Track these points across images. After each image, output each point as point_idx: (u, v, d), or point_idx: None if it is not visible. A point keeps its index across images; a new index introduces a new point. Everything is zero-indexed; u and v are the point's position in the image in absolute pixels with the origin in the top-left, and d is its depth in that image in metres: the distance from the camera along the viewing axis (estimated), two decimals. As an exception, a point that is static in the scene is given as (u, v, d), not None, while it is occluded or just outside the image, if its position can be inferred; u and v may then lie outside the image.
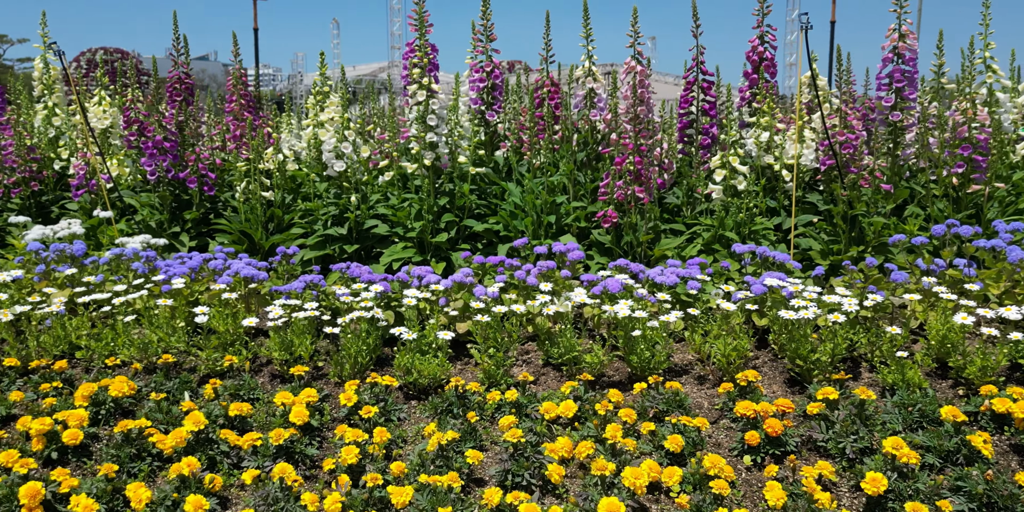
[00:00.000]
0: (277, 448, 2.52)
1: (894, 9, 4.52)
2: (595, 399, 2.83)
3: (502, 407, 2.87)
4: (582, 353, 3.10)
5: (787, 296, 3.31)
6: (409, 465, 2.46)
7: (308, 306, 3.36)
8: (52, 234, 4.28)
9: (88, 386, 2.81)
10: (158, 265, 3.92)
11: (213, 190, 4.87)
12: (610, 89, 4.98)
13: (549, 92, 5.21)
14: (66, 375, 3.17)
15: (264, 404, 2.96)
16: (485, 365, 3.07)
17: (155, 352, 3.30)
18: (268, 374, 3.29)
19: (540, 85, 5.13)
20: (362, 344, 3.15)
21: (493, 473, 2.43)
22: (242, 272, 3.63)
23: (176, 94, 5.16)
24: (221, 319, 3.34)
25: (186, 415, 2.79)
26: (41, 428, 2.56)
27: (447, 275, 4.00)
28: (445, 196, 4.51)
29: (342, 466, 2.43)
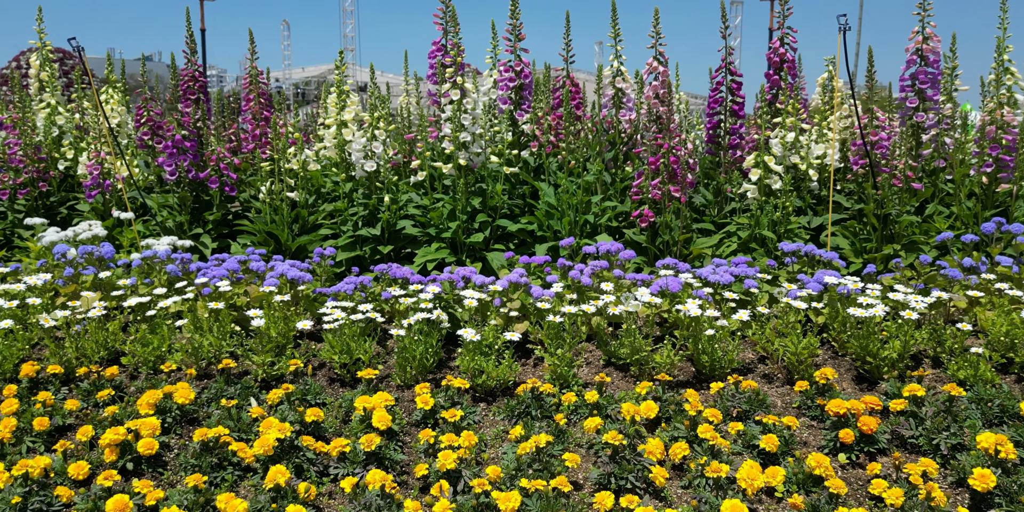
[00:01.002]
0: (367, 454, 2.42)
1: (917, 12, 4.57)
2: (674, 399, 2.78)
3: (579, 408, 2.80)
4: (651, 353, 3.05)
5: (842, 294, 3.30)
6: (504, 469, 2.38)
7: (363, 308, 3.26)
8: (74, 236, 4.10)
9: (153, 393, 2.68)
10: (193, 267, 3.78)
11: (235, 190, 4.71)
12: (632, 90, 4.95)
13: (570, 92, 5.16)
14: (116, 382, 3.02)
15: (333, 409, 2.85)
16: (553, 366, 3.00)
17: (207, 357, 3.17)
18: (326, 378, 3.18)
19: (560, 85, 5.08)
20: (426, 346, 3.06)
21: (593, 476, 2.36)
22: (288, 274, 3.51)
23: (190, 92, 4.99)
24: (273, 322, 3.22)
25: (255, 422, 2.68)
26: (115, 438, 2.42)
27: (484, 276, 3.92)
28: (477, 196, 4.43)
29: (438, 471, 2.35)
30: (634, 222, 4.62)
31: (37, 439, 2.66)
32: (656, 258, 4.26)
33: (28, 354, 3.30)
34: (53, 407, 2.76)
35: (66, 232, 4.12)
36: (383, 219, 4.32)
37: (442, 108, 4.50)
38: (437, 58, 4.66)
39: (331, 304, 3.29)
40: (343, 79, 4.99)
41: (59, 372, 3.05)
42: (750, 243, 4.23)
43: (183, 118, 4.60)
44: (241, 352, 3.11)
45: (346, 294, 3.47)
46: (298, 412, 2.64)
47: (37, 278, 3.55)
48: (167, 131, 4.59)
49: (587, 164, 4.67)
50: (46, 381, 3.03)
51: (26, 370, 2.95)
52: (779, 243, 4.10)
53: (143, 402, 2.66)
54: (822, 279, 3.38)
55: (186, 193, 4.61)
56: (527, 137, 4.66)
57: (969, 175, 4.32)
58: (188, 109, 4.84)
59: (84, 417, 2.83)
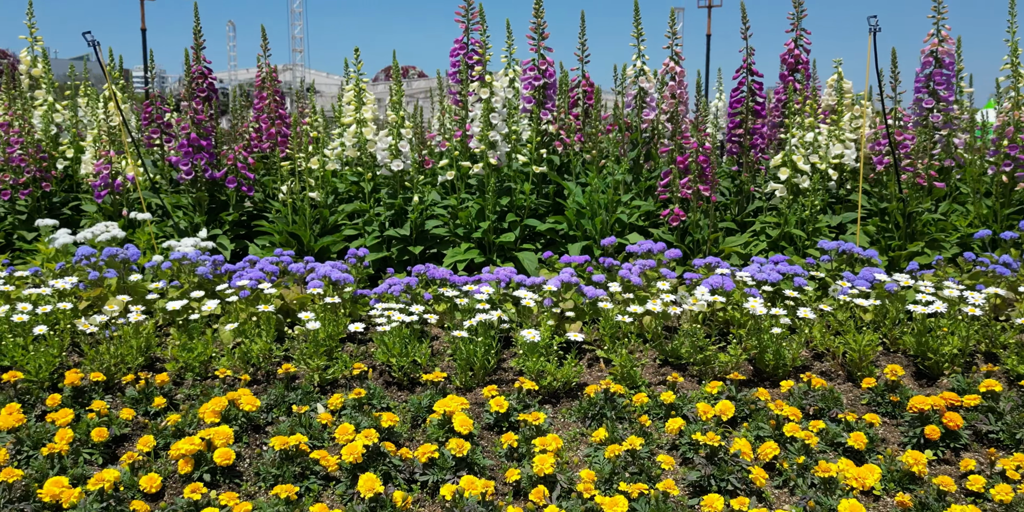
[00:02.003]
0: (457, 460, 2.32)
1: (932, 15, 4.62)
2: (748, 398, 2.74)
3: (651, 409, 2.75)
4: (716, 352, 3.01)
5: (890, 291, 3.31)
6: (598, 473, 2.31)
7: (414, 309, 3.16)
8: (92, 237, 3.90)
9: (218, 401, 2.54)
10: (225, 269, 3.62)
11: (252, 190, 4.55)
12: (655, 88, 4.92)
13: (585, 92, 5.11)
14: (166, 389, 2.87)
15: (399, 413, 2.74)
16: (621, 367, 2.94)
17: (257, 362, 3.03)
18: (380, 381, 3.06)
19: (576, 84, 5.02)
20: (487, 348, 2.97)
21: (690, 478, 2.30)
22: (332, 275, 3.38)
23: (200, 90, 4.81)
24: (323, 325, 3.10)
25: (325, 428, 2.57)
26: (191, 448, 2.29)
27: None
28: (505, 195, 4.35)
29: (533, 476, 2.26)
30: (659, 221, 4.58)
31: (94, 451, 2.51)
32: (686, 257, 4.23)
33: (63, 361, 3.12)
34: (108, 417, 2.60)
35: (83, 233, 3.92)
36: (411, 219, 4.21)
37: (464, 107, 4.41)
38: (460, 57, 4.56)
39: (381, 306, 3.18)
40: (360, 76, 4.86)
41: (101, 380, 2.88)
42: (780, 242, 4.22)
43: (197, 116, 4.42)
44: (297, 356, 2.98)
45: (392, 295, 3.36)
46: (373, 417, 2.53)
47: (64, 282, 3.36)
48: (182, 129, 4.40)
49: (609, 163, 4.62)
50: (89, 389, 2.86)
51: (70, 378, 2.78)
52: (817, 241, 4.10)
53: (208, 410, 2.53)
54: (870, 276, 3.38)
55: (203, 193, 4.43)
56: (550, 136, 4.59)
57: (986, 174, 4.38)
58: (200, 106, 4.66)
59: (139, 427, 2.68)
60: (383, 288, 3.43)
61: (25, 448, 2.52)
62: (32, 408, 2.82)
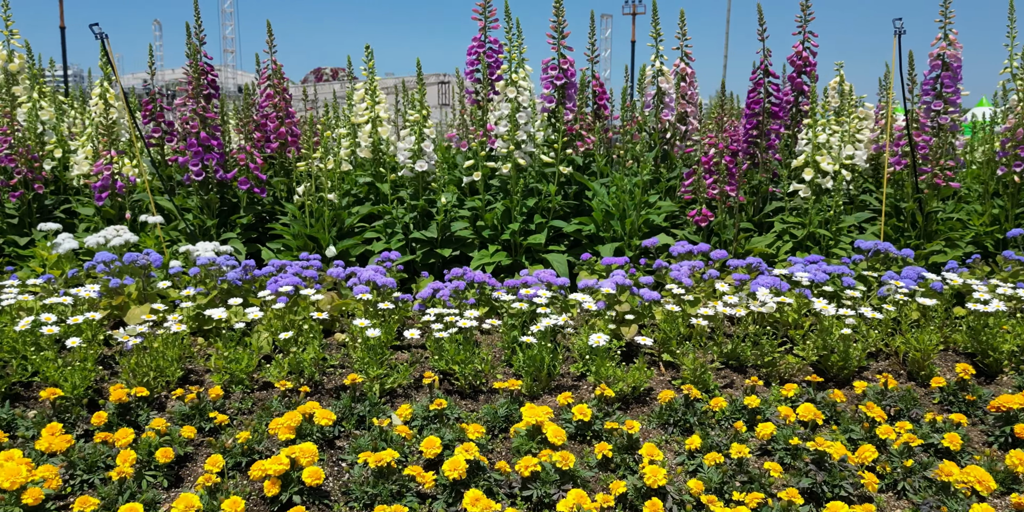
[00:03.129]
0: (561, 473, 2.20)
1: (940, 20, 4.68)
2: (827, 401, 2.68)
3: (732, 414, 2.66)
4: (784, 354, 2.95)
5: (936, 290, 3.31)
6: (706, 482, 2.21)
7: (469, 314, 3.02)
8: (105, 242, 3.64)
9: (292, 415, 2.36)
10: (257, 274, 3.42)
11: (265, 192, 4.32)
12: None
13: (596, 92, 5.03)
14: (218, 403, 2.66)
15: (470, 423, 2.60)
16: (689, 371, 2.85)
17: (309, 372, 2.85)
18: (441, 391, 2.91)
19: (586, 84, 4.93)
20: (554, 354, 2.85)
21: (803, 485, 2.22)
22: (377, 280, 3.21)
23: (204, 87, 4.55)
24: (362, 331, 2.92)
25: (404, 442, 2.41)
26: (279, 468, 2.11)
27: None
28: (532, 196, 4.23)
29: (643, 488, 2.15)
30: (679, 221, 4.53)
31: (157, 473, 2.30)
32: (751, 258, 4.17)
33: (99, 375, 2.88)
34: (169, 435, 2.39)
35: (94, 238, 3.65)
36: (438, 221, 4.06)
37: (481, 107, 4.27)
38: (479, 55, 4.42)
39: (434, 311, 3.02)
40: (372, 74, 4.68)
41: (144, 394, 2.66)
42: (805, 242, 4.20)
43: (206, 114, 4.17)
44: (357, 365, 2.81)
45: (440, 300, 3.21)
46: (456, 429, 2.39)
47: (86, 290, 3.11)
48: (191, 128, 4.15)
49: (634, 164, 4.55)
50: (134, 406, 2.64)
51: (116, 394, 2.55)
52: (840, 241, 4.09)
53: (281, 425, 2.34)
54: (914, 275, 3.37)
55: (214, 195, 4.19)
56: (572, 136, 4.48)
57: (997, 174, 4.45)
58: (206, 104, 4.41)
59: (197, 444, 2.48)
60: (427, 292, 3.28)
61: (78, 472, 2.30)
62: (73, 427, 2.59)
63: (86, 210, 4.40)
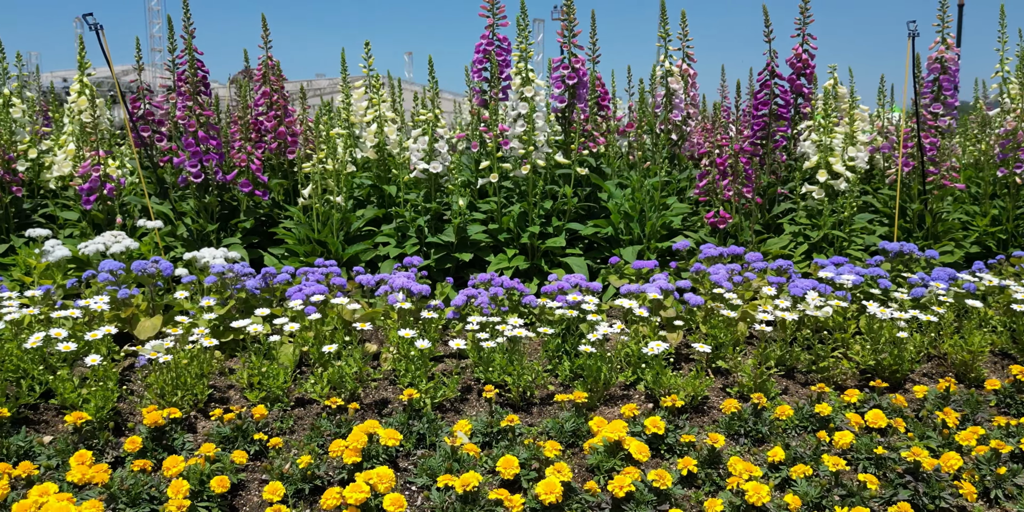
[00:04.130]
0: (657, 493, 2.06)
1: (937, 24, 4.71)
2: (893, 406, 2.61)
3: (800, 422, 2.57)
4: (839, 359, 2.87)
5: (969, 291, 3.29)
6: (803, 497, 2.10)
7: (513, 322, 2.86)
8: (104, 248, 3.35)
9: (357, 436, 2.16)
10: (277, 281, 3.19)
11: (267, 194, 4.07)
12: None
13: (599, 93, 4.91)
14: (262, 422, 2.44)
15: (531, 437, 2.44)
16: (748, 378, 2.75)
17: (352, 387, 2.64)
18: (487, 402, 2.74)
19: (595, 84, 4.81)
20: (612, 363, 2.71)
21: (900, 497, 2.13)
22: (412, 288, 3.02)
23: (198, 84, 4.26)
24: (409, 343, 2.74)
25: (476, 462, 2.24)
26: (359, 497, 1.91)
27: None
28: (548, 199, 4.08)
29: (742, 506, 2.03)
30: (692, 223, 4.44)
31: (211, 504, 2.07)
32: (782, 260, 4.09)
33: (121, 394, 2.62)
34: (220, 461, 2.17)
35: (91, 245, 3.35)
36: (454, 224, 3.88)
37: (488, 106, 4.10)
38: (488, 53, 4.25)
39: (476, 319, 2.85)
40: (372, 72, 4.46)
41: (177, 416, 2.42)
42: (820, 243, 4.17)
43: (204, 111, 3.90)
44: (408, 379, 2.61)
45: (478, 308, 3.04)
46: (532, 447, 2.23)
47: (95, 301, 2.83)
48: (189, 127, 3.87)
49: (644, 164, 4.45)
50: (169, 429, 2.40)
51: (152, 418, 2.31)
52: (855, 243, 4.06)
53: (344, 447, 2.14)
54: (946, 277, 3.35)
55: (214, 198, 3.91)
56: (584, 136, 4.35)
57: (996, 176, 4.50)
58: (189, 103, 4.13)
59: (243, 470, 2.26)
60: (461, 299, 3.11)
61: (120, 506, 2.06)
62: (102, 454, 2.34)
63: (70, 215, 4.07)
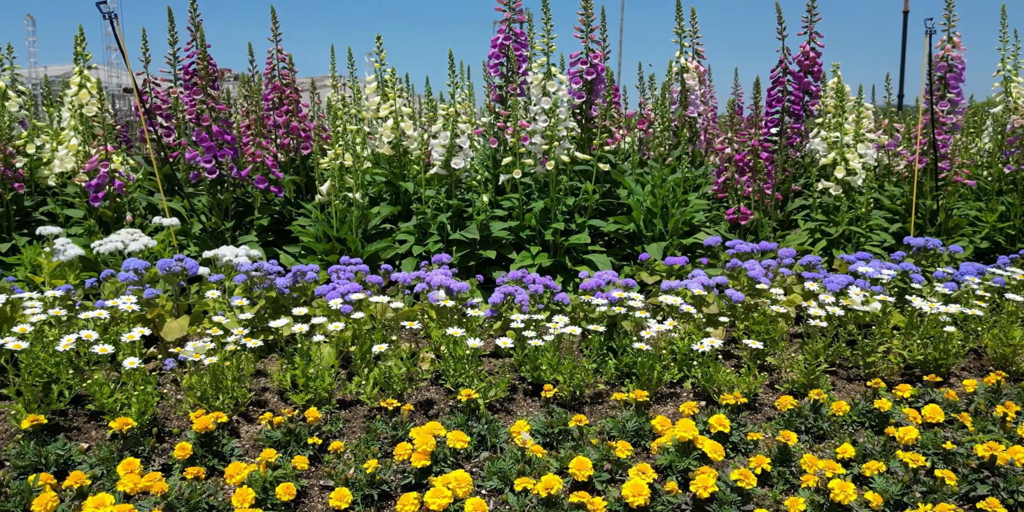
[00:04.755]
0: (741, 493, 1.99)
1: (943, 22, 4.74)
2: (947, 401, 2.58)
3: (858, 417, 2.53)
4: (885, 354, 2.84)
5: (999, 285, 3.29)
6: (882, 493, 2.05)
7: (558, 320, 2.78)
8: (123, 246, 3.19)
9: (426, 439, 2.06)
10: (309, 279, 3.06)
11: (282, 191, 3.93)
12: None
13: (611, 90, 4.85)
14: (314, 425, 2.32)
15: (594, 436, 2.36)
16: (799, 374, 2.70)
17: (400, 387, 2.53)
18: (537, 402, 2.65)
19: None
20: (665, 362, 2.64)
21: (980, 492, 2.09)
22: (453, 286, 2.92)
23: (211, 76, 4.10)
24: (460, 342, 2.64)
25: (547, 465, 2.15)
26: (442, 502, 1.82)
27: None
28: (570, 195, 4.00)
29: (826, 505, 1.97)
30: (707, 219, 4.40)
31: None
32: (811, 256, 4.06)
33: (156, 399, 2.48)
34: (282, 467, 2.05)
35: (108, 243, 3.19)
36: (477, 221, 3.78)
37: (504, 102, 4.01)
38: (507, 47, 4.16)
39: (520, 317, 2.76)
40: (383, 66, 4.35)
41: (224, 420, 2.30)
42: (839, 239, 4.15)
43: (217, 105, 3.75)
44: (460, 379, 2.51)
45: (517, 305, 2.95)
46: (606, 447, 2.15)
47: (123, 302, 2.68)
48: (202, 122, 3.72)
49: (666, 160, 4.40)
50: (218, 434, 2.27)
51: (203, 423, 2.18)
52: (872, 238, 4.06)
53: (415, 449, 2.04)
54: (974, 271, 3.34)
55: (229, 195, 3.77)
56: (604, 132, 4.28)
57: (1004, 172, 4.54)
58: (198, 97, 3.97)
59: (304, 476, 2.14)
60: (498, 298, 3.02)
61: (179, 516, 1.93)
62: (148, 462, 2.20)
63: (74, 212, 3.88)
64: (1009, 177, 4.57)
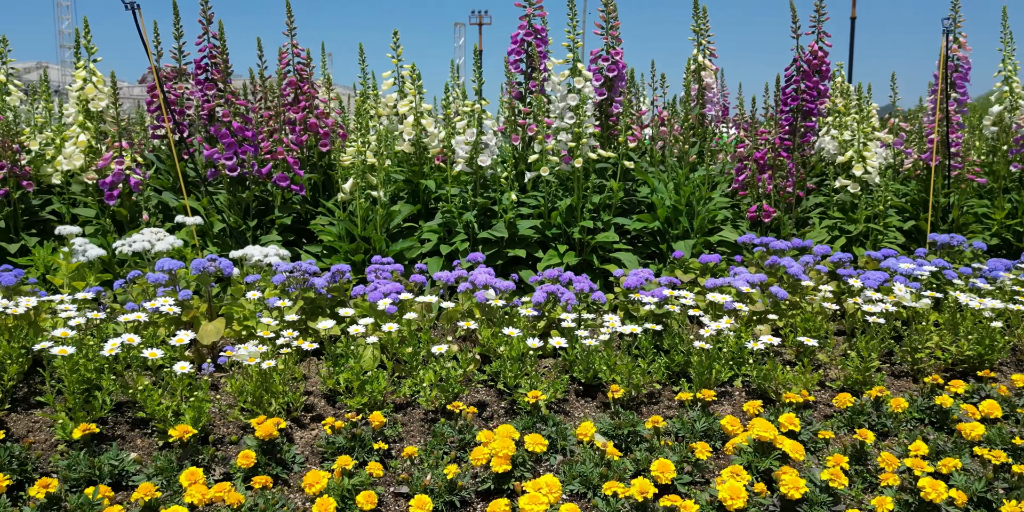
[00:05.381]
0: (830, 492, 1.94)
1: (949, 22, 4.77)
2: (1001, 395, 2.57)
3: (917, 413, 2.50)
4: (934, 350, 2.82)
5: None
6: (964, 489, 2.02)
7: (608, 318, 2.71)
8: (150, 247, 3.04)
9: (503, 442, 1.98)
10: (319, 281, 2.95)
11: (303, 189, 3.80)
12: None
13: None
14: (377, 432, 2.23)
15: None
16: (852, 370, 2.67)
17: (457, 389, 2.44)
18: (596, 404, 2.58)
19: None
20: (717, 359, 2.59)
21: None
22: (499, 285, 2.84)
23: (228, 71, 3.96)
24: (518, 342, 2.56)
25: (623, 467, 2.08)
26: (539, 509, 1.73)
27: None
28: (596, 193, 3.94)
29: (914, 503, 1.93)
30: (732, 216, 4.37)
31: (356, 522, 1.86)
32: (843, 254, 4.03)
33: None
34: (357, 474, 1.95)
35: (136, 243, 3.04)
36: (505, 219, 3.69)
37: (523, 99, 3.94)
38: (528, 43, 4.08)
39: (569, 316, 2.69)
40: (401, 63, 4.24)
41: (284, 426, 2.19)
42: (859, 236, 4.15)
43: (237, 100, 3.61)
44: (523, 381, 2.43)
45: (563, 304, 2.88)
46: (685, 449, 2.08)
47: (163, 304, 2.55)
48: (223, 117, 3.57)
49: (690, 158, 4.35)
50: (280, 441, 2.16)
51: (266, 429, 2.07)
52: (889, 236, 4.06)
53: (494, 454, 1.96)
54: (1002, 267, 3.36)
55: (251, 193, 3.63)
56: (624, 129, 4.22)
57: (1011, 171, 4.58)
58: (209, 92, 3.83)
59: (376, 483, 2.04)
60: (541, 297, 2.94)
61: (254, 528, 1.82)
62: (208, 471, 2.08)
63: (85, 212, 3.71)
64: (1015, 175, 4.62)
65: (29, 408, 2.49)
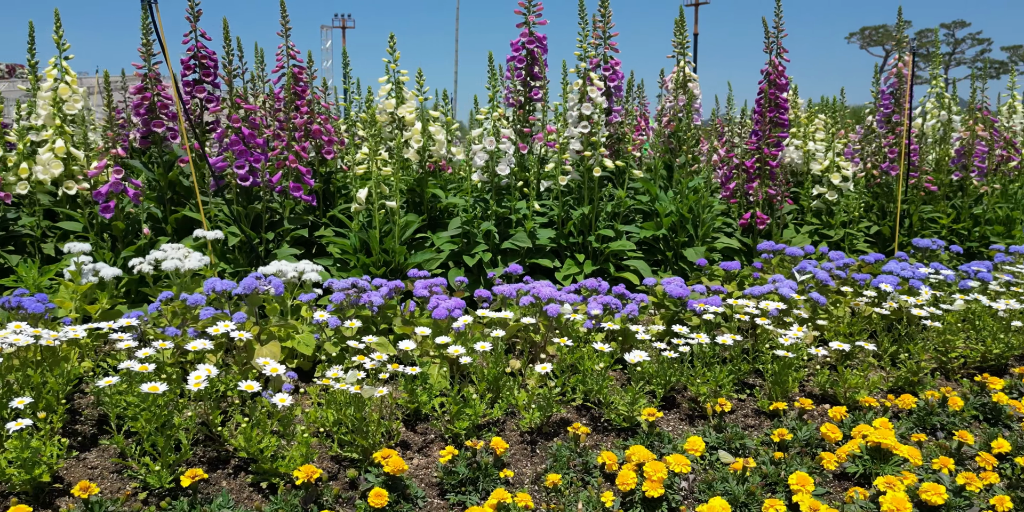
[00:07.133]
0: (966, 498, 1.95)
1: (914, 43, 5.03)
2: (1037, 390, 2.70)
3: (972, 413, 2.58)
4: (964, 350, 2.93)
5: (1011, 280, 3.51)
6: (1062, 486, 2.09)
7: (680, 329, 2.64)
8: (180, 265, 2.70)
9: (657, 467, 1.87)
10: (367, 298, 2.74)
11: (315, 199, 3.50)
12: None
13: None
14: (499, 460, 2.05)
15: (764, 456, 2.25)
16: (905, 372, 2.73)
17: (554, 410, 2.30)
18: (681, 414, 2.51)
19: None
20: (793, 366, 2.58)
21: None
22: (565, 298, 2.71)
23: (206, 74, 3.59)
24: (599, 358, 2.45)
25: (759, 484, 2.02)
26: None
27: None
28: (608, 202, 3.87)
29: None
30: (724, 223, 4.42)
31: (523, 561, 1.69)
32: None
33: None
34: (512, 507, 1.78)
35: (170, 261, 2.70)
36: (527, 228, 3.56)
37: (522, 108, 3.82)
38: (530, 50, 3.95)
39: (640, 329, 2.61)
40: (398, 67, 4.01)
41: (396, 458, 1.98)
42: (839, 242, 4.30)
43: (246, 105, 3.28)
44: (616, 400, 2.32)
45: (625, 315, 2.79)
46: (811, 461, 2.04)
47: (224, 328, 2.26)
48: (233, 122, 3.23)
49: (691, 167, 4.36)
50: (404, 476, 1.95)
51: (395, 464, 1.87)
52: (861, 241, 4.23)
53: (649, 478, 1.84)
54: (986, 269, 3.55)
55: (264, 203, 3.30)
56: (625, 140, 4.18)
57: (952, 179, 4.89)
58: (201, 94, 3.48)
59: None
60: (596, 307, 2.83)
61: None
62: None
63: (72, 225, 3.26)
64: (956, 183, 4.94)
65: (78, 451, 2.14)
